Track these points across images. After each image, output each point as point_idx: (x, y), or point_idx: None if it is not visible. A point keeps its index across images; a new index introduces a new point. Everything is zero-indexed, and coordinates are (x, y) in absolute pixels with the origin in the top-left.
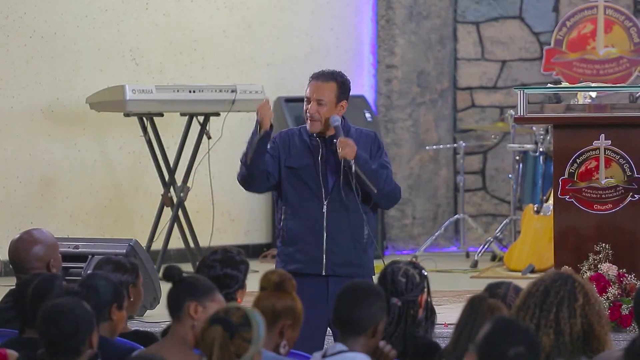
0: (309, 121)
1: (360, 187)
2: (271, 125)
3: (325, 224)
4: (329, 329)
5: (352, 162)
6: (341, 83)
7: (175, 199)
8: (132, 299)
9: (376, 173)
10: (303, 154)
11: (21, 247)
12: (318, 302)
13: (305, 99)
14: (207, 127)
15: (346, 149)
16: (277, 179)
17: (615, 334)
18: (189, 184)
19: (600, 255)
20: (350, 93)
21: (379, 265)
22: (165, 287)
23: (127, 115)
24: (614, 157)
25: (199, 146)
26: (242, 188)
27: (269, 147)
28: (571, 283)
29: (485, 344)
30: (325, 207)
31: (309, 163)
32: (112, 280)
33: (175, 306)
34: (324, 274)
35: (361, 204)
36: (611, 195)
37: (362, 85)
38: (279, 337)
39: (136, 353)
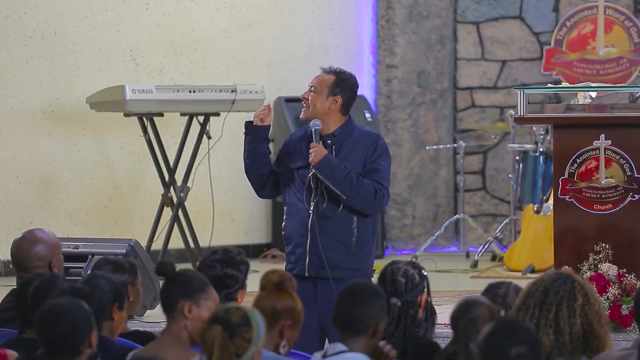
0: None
1: (330, 193)
2: (264, 127)
3: (309, 226)
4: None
5: (313, 168)
6: (340, 79)
7: (175, 199)
8: (131, 299)
9: (342, 180)
10: (299, 154)
11: (23, 246)
12: (306, 303)
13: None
14: (207, 127)
15: (312, 153)
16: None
17: (615, 334)
18: (189, 184)
19: (600, 255)
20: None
21: (379, 265)
22: None
23: (127, 115)
24: (614, 157)
25: (199, 146)
26: (242, 188)
27: (281, 147)
28: (571, 283)
29: (487, 344)
30: (311, 207)
31: (302, 164)
32: (113, 280)
33: (168, 304)
34: (306, 275)
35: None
36: (611, 195)
37: (362, 85)
38: (279, 337)
39: (134, 353)
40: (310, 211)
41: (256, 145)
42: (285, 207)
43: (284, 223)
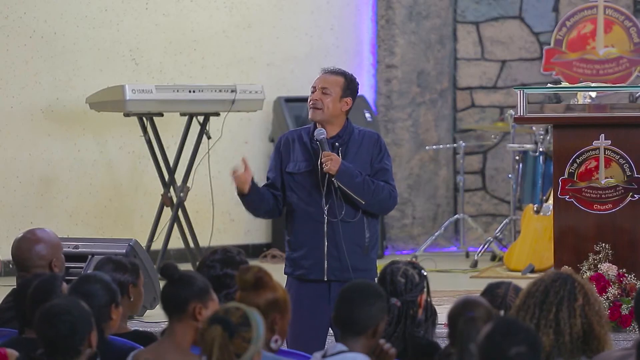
0: (311, 109)
1: (347, 198)
2: (252, 185)
3: (325, 230)
4: (330, 329)
5: (334, 178)
6: (349, 80)
7: (175, 199)
8: (132, 299)
9: (361, 186)
10: (303, 158)
11: (24, 245)
12: (320, 306)
13: (311, 90)
14: (207, 127)
15: (329, 164)
16: (281, 191)
17: (615, 334)
18: (188, 184)
19: (600, 255)
20: None
21: (378, 265)
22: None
23: (127, 115)
24: (614, 157)
25: (198, 146)
26: None
27: (272, 158)
28: (571, 283)
29: (486, 344)
30: (325, 211)
31: (308, 168)
32: (104, 280)
33: (177, 306)
34: (325, 279)
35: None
36: (611, 195)
37: (362, 85)
38: (269, 333)
39: (135, 353)
40: (325, 215)
41: (254, 204)
42: (288, 213)
43: (290, 229)
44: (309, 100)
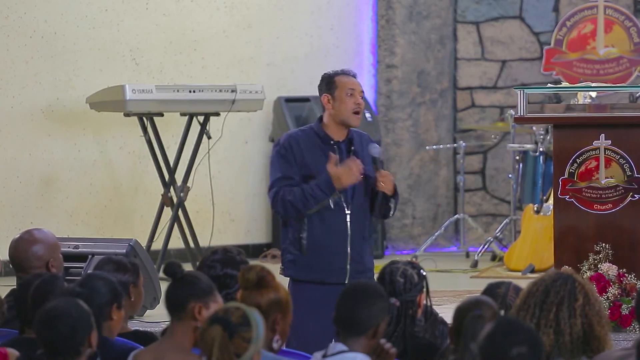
0: (355, 115)
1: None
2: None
3: (349, 233)
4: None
5: (392, 200)
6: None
7: (175, 199)
8: (132, 299)
9: (399, 199)
10: (320, 161)
11: (21, 246)
12: (330, 307)
13: (348, 92)
14: (207, 127)
15: (388, 184)
16: None
17: (615, 334)
18: (189, 184)
19: (600, 255)
20: None
21: (378, 265)
22: (165, 286)
23: (127, 115)
24: (614, 157)
25: (199, 146)
26: (242, 188)
27: (283, 161)
28: (571, 283)
29: (487, 344)
30: (348, 216)
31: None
32: (110, 280)
33: (177, 305)
34: (346, 282)
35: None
36: (611, 195)
37: (362, 85)
38: (271, 332)
39: (135, 353)
40: (348, 220)
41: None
42: (305, 217)
43: (306, 232)
44: (352, 104)
